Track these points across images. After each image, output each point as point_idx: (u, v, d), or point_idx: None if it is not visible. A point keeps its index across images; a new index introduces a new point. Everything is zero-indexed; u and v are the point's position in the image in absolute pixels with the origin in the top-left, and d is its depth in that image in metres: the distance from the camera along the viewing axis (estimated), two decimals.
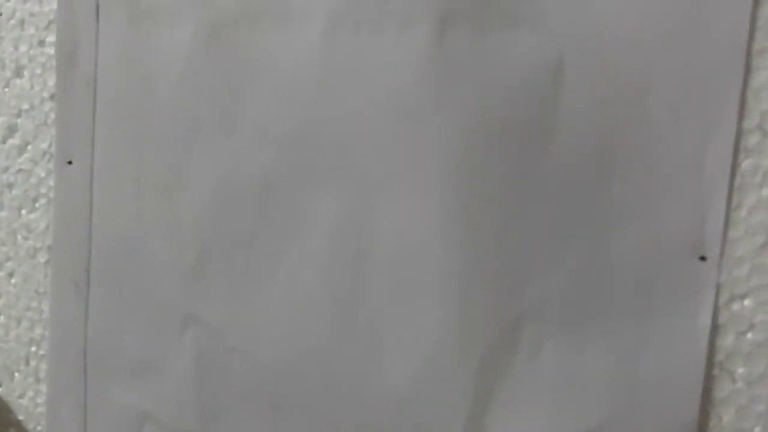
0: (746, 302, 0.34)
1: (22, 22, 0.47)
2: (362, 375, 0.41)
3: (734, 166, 0.34)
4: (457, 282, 0.39)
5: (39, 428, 0.49)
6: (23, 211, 0.48)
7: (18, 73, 0.47)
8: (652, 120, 0.35)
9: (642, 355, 0.36)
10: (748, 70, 0.34)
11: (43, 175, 0.47)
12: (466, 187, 0.38)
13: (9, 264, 0.48)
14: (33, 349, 0.48)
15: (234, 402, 0.44)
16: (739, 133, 0.34)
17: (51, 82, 0.46)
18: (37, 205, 0.47)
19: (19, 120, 0.47)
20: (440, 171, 0.39)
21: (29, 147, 0.47)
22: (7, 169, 0.48)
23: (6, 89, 0.47)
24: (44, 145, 0.47)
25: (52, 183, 0.47)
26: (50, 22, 0.46)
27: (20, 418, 0.49)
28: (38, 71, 0.47)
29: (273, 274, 0.42)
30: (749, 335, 0.34)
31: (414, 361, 0.40)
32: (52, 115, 0.46)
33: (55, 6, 0.46)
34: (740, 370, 0.35)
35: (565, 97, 0.36)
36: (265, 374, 0.43)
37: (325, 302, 0.41)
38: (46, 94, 0.46)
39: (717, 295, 0.35)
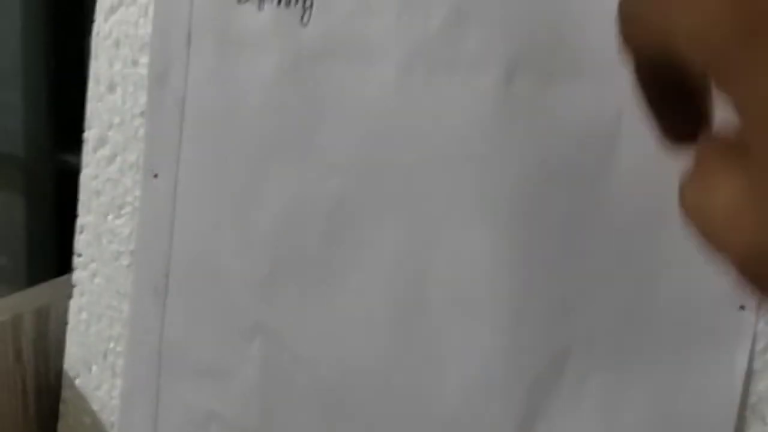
0: None
1: (117, 43, 0.50)
2: (418, 391, 0.44)
3: None
4: (510, 310, 0.42)
5: (112, 419, 0.53)
6: (109, 217, 0.51)
7: (111, 89, 0.51)
8: None
9: (679, 395, 0.39)
10: None
11: (129, 185, 0.51)
12: (524, 225, 0.41)
13: (93, 265, 0.52)
14: (111, 345, 0.52)
15: (295, 408, 0.47)
16: None
17: (142, 99, 0.50)
18: (122, 212, 0.51)
19: (109, 132, 0.51)
20: (500, 209, 0.41)
21: (118, 158, 0.51)
22: (96, 177, 0.52)
23: (99, 103, 0.51)
24: (132, 158, 0.50)
25: (137, 193, 0.50)
26: (144, 45, 0.49)
27: (95, 408, 0.53)
28: (130, 89, 0.50)
29: (338, 292, 0.45)
30: None
31: (467, 382, 0.43)
32: (141, 131, 0.50)
33: (149, 30, 0.49)
34: None
35: (622, 148, 0.39)
36: (326, 384, 0.46)
37: (385, 321, 0.44)
38: (136, 111, 0.50)
39: (753, 342, 0.37)
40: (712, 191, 0.22)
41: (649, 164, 0.39)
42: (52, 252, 0.83)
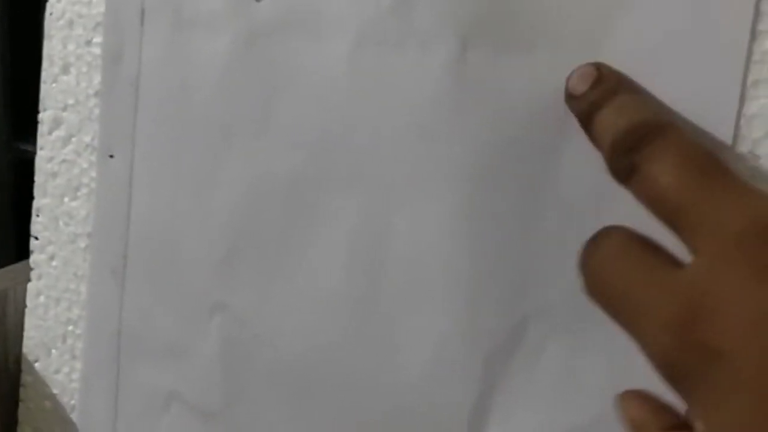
0: None
1: (70, 23, 0.50)
2: (376, 367, 0.44)
3: None
4: (466, 283, 0.42)
5: (72, 402, 0.52)
6: (65, 199, 0.51)
7: (65, 70, 0.50)
8: None
9: (638, 359, 0.39)
10: (742, 100, 0.37)
11: (85, 166, 0.50)
12: (479, 198, 0.41)
13: (50, 248, 0.52)
14: (70, 328, 0.52)
15: (257, 386, 0.47)
16: (733, 159, 0.37)
17: (96, 80, 0.49)
18: (78, 194, 0.51)
19: (64, 114, 0.51)
20: (455, 182, 0.42)
21: (73, 139, 0.51)
22: (51, 159, 0.51)
23: (54, 84, 0.51)
24: (87, 139, 0.50)
25: (93, 174, 0.50)
26: (97, 24, 0.49)
27: (55, 392, 0.53)
28: (84, 69, 0.50)
29: (297, 269, 0.45)
30: None
31: (425, 356, 0.43)
32: (96, 111, 0.50)
33: (102, 9, 0.49)
34: None
35: (575, 121, 0.39)
36: (286, 362, 0.46)
37: (343, 298, 0.44)
38: (91, 91, 0.50)
39: None
40: None
41: None
42: (10, 242, 0.82)
